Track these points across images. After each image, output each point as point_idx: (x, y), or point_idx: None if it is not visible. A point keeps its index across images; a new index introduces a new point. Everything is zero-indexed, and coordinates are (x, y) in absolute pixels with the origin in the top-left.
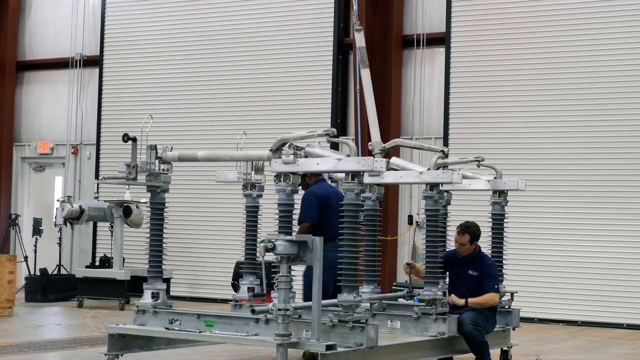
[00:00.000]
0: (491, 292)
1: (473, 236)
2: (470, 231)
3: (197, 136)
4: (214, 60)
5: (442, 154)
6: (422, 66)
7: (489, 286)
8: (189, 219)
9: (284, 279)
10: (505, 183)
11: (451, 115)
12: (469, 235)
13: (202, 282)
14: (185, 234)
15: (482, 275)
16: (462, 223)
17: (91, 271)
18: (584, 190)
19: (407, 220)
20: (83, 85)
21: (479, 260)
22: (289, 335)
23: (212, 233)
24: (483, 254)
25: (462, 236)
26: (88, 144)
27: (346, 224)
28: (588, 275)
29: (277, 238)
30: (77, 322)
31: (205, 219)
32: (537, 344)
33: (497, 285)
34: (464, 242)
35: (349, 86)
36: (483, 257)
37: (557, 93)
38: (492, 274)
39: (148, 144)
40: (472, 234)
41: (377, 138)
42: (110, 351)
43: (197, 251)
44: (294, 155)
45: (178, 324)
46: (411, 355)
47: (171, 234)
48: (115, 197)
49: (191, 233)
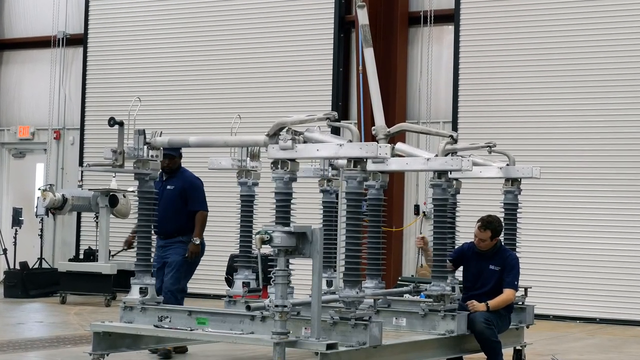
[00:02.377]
0: (508, 288)
1: (495, 232)
2: (493, 227)
3: (188, 120)
4: (207, 39)
5: (450, 139)
6: (430, 45)
7: (508, 282)
8: None
9: (281, 273)
10: (518, 170)
11: (460, 98)
12: (490, 232)
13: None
14: None
15: (504, 269)
16: (485, 218)
17: (75, 265)
18: (604, 177)
19: (413, 211)
20: (66, 65)
21: (501, 254)
22: (287, 333)
23: None
24: (505, 247)
25: (483, 232)
26: (71, 128)
27: (348, 214)
28: (607, 269)
29: (274, 229)
30: (60, 319)
31: None
32: (552, 342)
33: (517, 281)
34: (484, 238)
35: (351, 67)
36: (506, 251)
37: (575, 74)
38: (514, 268)
39: (136, 129)
40: (494, 230)
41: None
42: (95, 350)
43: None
44: (292, 140)
45: (168, 321)
46: (418, 354)
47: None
48: (100, 185)
49: None
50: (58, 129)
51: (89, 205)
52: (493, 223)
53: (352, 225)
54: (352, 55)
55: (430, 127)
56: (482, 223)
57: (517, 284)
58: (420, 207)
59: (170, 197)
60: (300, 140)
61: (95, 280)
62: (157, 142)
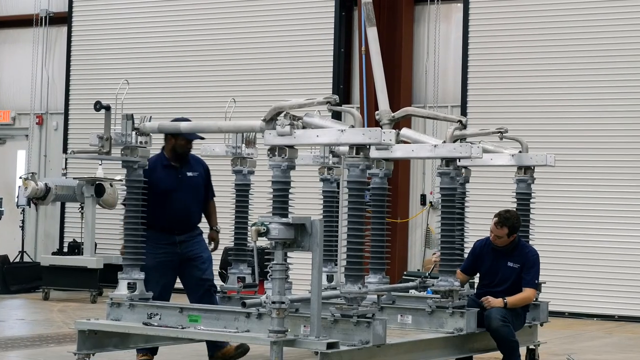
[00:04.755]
0: (528, 287)
1: (512, 229)
2: (510, 224)
3: (179, 104)
4: (199, 18)
5: (459, 124)
6: (437, 24)
7: (528, 280)
8: None
9: (278, 268)
10: (531, 158)
11: (470, 81)
12: (507, 229)
13: None
14: None
15: (524, 267)
16: (502, 213)
17: (58, 258)
18: (625, 165)
19: (419, 201)
20: (49, 46)
21: (520, 250)
22: (285, 331)
23: None
24: (524, 243)
25: (499, 229)
26: (55, 113)
27: (350, 204)
28: (626, 263)
29: (270, 220)
30: (43, 316)
31: None
32: (568, 341)
33: (537, 280)
34: (501, 235)
35: (354, 47)
36: (525, 247)
37: (592, 55)
38: (534, 266)
39: (124, 113)
40: (511, 227)
41: (386, 106)
42: (80, 350)
43: None
44: (291, 126)
45: (158, 318)
46: (424, 354)
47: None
48: (86, 173)
49: None
50: (40, 113)
51: (74, 195)
52: (511, 219)
53: (354, 217)
54: (354, 35)
55: (438, 111)
56: (499, 219)
57: (537, 282)
58: (427, 197)
59: (196, 186)
60: (299, 125)
61: (80, 275)
62: (147, 127)
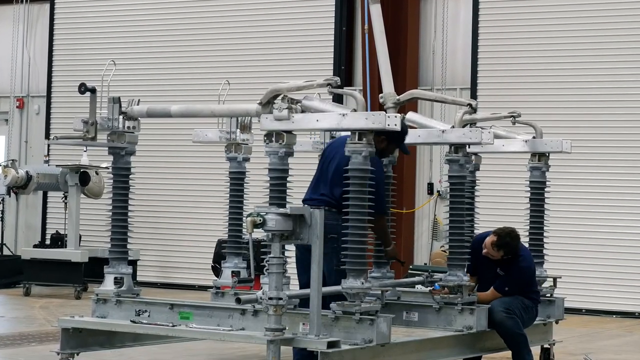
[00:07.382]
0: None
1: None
2: (508, 249)
3: (170, 86)
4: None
5: (469, 108)
6: (445, 1)
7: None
8: (160, 187)
9: (276, 261)
10: (546, 144)
11: (480, 62)
12: (504, 253)
13: (175, 265)
14: (156, 207)
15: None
16: (500, 233)
17: (40, 251)
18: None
19: (426, 190)
20: (31, 24)
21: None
22: (282, 329)
23: (188, 205)
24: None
25: (496, 251)
26: (36, 96)
27: (352, 194)
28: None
29: (267, 211)
30: (24, 313)
31: (180, 187)
32: (585, 340)
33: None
34: (495, 257)
35: (356, 26)
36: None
37: (608, 34)
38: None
39: (110, 96)
40: (508, 251)
41: (390, 89)
42: (63, 349)
43: (169, 227)
44: (289, 110)
45: (147, 316)
46: (431, 354)
47: (138, 206)
48: (69, 161)
49: (163, 205)
50: (21, 96)
51: (57, 184)
52: (510, 244)
53: (357, 207)
54: (356, 12)
55: (446, 94)
56: (498, 241)
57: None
58: (435, 185)
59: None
60: (298, 109)
61: (64, 269)
62: (134, 111)
